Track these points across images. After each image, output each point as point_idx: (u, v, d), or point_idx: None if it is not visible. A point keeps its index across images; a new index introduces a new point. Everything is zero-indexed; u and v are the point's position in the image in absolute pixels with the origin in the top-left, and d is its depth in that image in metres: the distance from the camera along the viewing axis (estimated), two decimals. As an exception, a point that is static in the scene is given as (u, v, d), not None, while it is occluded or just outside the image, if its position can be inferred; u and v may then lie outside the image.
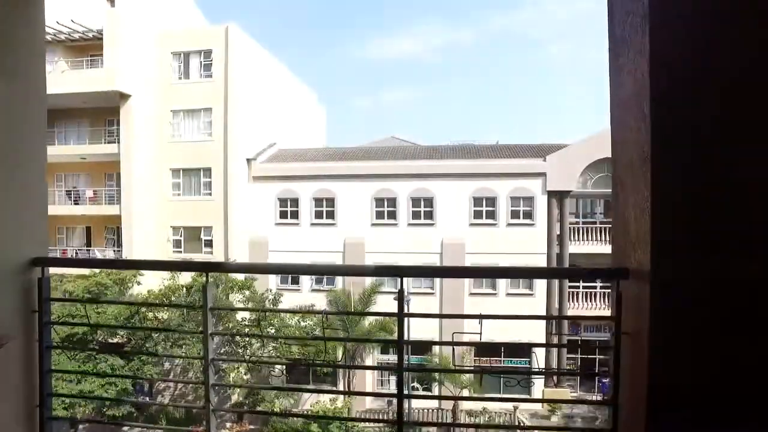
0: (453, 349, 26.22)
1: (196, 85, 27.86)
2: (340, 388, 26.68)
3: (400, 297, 2.24)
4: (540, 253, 27.79)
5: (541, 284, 27.70)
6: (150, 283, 25.34)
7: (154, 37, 27.60)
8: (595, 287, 28.29)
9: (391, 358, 28.67)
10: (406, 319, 2.24)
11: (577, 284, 28.38)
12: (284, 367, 25.85)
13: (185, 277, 23.66)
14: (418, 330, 25.44)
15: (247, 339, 23.01)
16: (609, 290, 27.72)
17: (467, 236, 28.04)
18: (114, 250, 27.83)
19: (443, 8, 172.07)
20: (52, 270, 2.49)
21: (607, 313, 27.32)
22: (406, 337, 2.18)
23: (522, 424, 24.27)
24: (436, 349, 27.27)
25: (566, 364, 27.92)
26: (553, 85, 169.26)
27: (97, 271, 23.59)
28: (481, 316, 2.29)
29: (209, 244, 27.71)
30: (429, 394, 26.63)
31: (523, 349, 27.84)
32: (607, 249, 27.44)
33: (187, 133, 28.30)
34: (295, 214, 28.97)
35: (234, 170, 27.64)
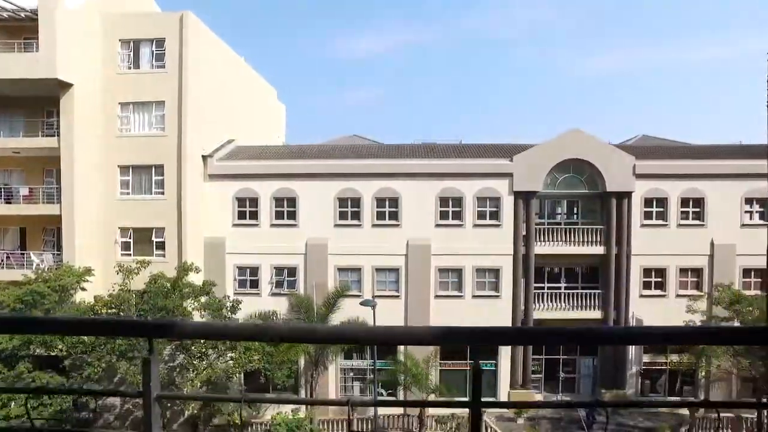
0: (434, 351, 25.73)
1: (147, 75, 25.94)
2: (302, 396, 25.53)
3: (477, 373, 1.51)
4: (506, 254, 27.54)
5: (507, 286, 27.45)
6: (97, 287, 23.43)
7: (100, 21, 25.54)
8: (560, 288, 28.28)
9: (355, 362, 27.75)
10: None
11: (542, 285, 28.30)
12: (242, 376, 24.48)
13: (138, 283, 21.94)
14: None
15: (203, 350, 21.49)
16: (575, 291, 27.80)
17: (433, 237, 27.45)
18: (54, 254, 25.55)
19: (406, 7, 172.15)
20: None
21: (573, 315, 27.34)
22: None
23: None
24: (400, 351, 26.53)
25: (531, 364, 27.77)
26: (517, 86, 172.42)
27: (33, 276, 21.51)
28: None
29: (161, 246, 25.91)
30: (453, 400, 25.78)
31: (489, 353, 27.55)
32: (570, 249, 27.55)
33: (137, 127, 26.33)
34: (254, 215, 27.56)
35: (188, 168, 25.95)
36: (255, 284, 27.44)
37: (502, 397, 27.19)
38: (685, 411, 25.59)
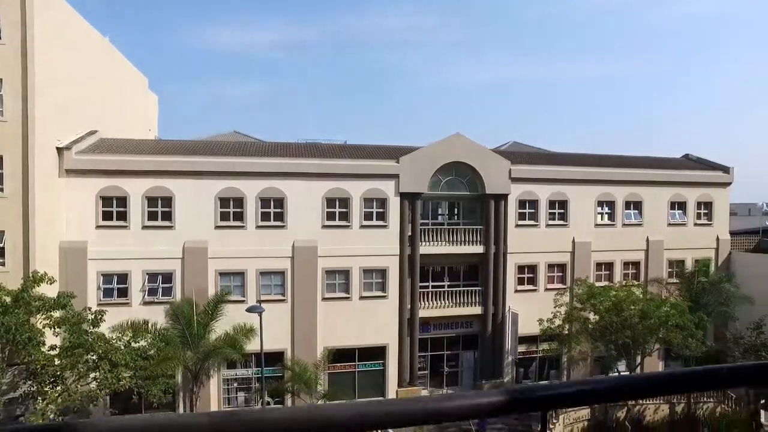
0: (326, 354, 25.00)
1: (-22, 49, 21.83)
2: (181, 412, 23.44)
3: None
4: (393, 255, 27.92)
5: (393, 286, 27.83)
6: None
7: None
8: (443, 286, 29.35)
9: (239, 372, 26.22)
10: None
11: (427, 284, 29.16)
12: (108, 396, 21.80)
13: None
14: (270, 339, 23.53)
15: (58, 371, 18.68)
16: (458, 289, 29.04)
17: (320, 238, 26.92)
18: None
19: (287, 3, 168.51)
20: None
21: (456, 311, 28.49)
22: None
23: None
24: (287, 357, 25.65)
25: (418, 361, 28.46)
26: (397, 90, 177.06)
27: None
28: None
29: (1, 253, 22.02)
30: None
31: (376, 352, 27.73)
32: (452, 249, 28.73)
33: (-34, 110, 22.09)
34: (122, 216, 24.75)
35: (39, 161, 22.41)
36: (124, 293, 24.69)
37: (390, 395, 27.50)
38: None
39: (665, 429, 26.84)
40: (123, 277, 24.69)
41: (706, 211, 32.23)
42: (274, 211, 26.55)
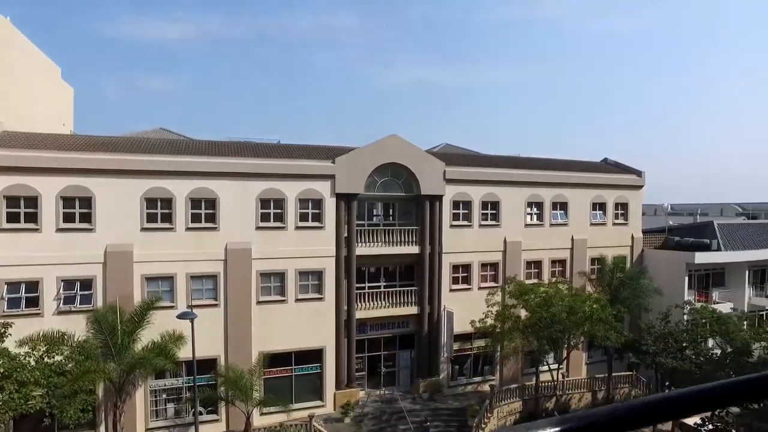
0: (262, 359, 24.00)
1: None
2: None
3: None
4: (329, 256, 27.59)
5: (330, 288, 27.49)
6: None
7: None
8: (379, 287, 29.39)
9: (168, 382, 24.78)
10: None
11: (363, 285, 29.08)
12: (11, 421, 19.73)
13: None
14: (202, 346, 22.46)
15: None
16: (394, 289, 29.18)
17: (254, 240, 26.07)
18: None
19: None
20: None
21: (392, 311, 28.60)
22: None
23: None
24: (221, 364, 24.62)
25: (355, 362, 28.28)
26: (324, 90, 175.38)
27: None
28: None
29: None
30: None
31: (313, 355, 27.27)
32: (388, 250, 28.84)
33: None
34: (32, 217, 22.58)
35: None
36: (34, 302, 22.54)
37: (328, 397, 27.15)
38: (486, 388, 28.91)
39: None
40: (33, 285, 22.55)
41: (622, 212, 34.68)
42: (205, 212, 25.37)
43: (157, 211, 24.46)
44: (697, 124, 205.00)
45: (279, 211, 26.70)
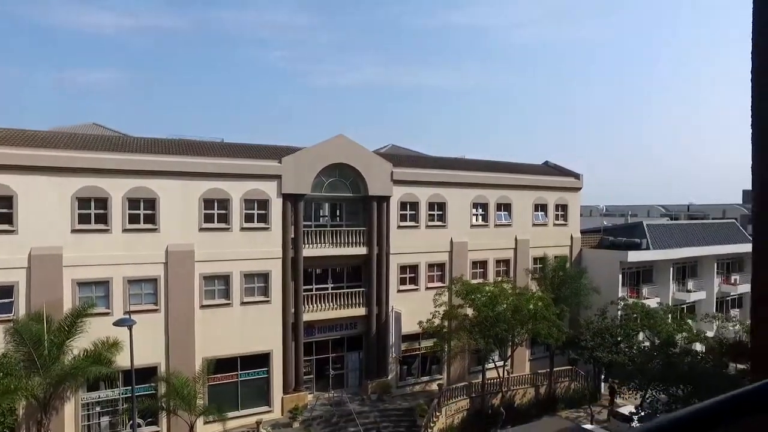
0: (206, 365, 22.89)
1: None
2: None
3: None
4: (275, 258, 26.96)
5: (276, 290, 26.86)
6: None
7: None
8: (327, 288, 29.03)
9: (102, 393, 23.29)
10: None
11: (310, 287, 28.63)
12: None
13: None
14: (142, 354, 21.29)
15: None
16: (342, 291, 28.91)
17: (197, 242, 25.05)
18: None
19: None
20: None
21: (340, 313, 28.31)
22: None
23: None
24: (162, 372, 23.46)
25: (303, 366, 27.74)
26: (270, 88, 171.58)
27: None
28: None
29: None
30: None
31: (260, 360, 26.52)
32: (336, 251, 28.52)
33: None
34: (-54, 218, 20.59)
35: None
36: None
37: (276, 402, 26.47)
38: (434, 387, 29.20)
39: (532, 408, 29.44)
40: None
41: (562, 213, 36.10)
42: (144, 212, 24.10)
43: (90, 212, 22.99)
44: (629, 132, 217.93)
45: (223, 211, 25.81)
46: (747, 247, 42.01)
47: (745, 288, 42.52)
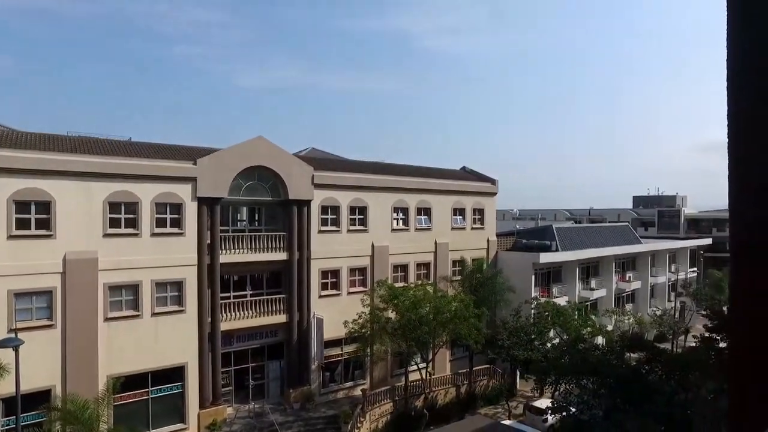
0: (111, 384, 20.77)
1: None
2: None
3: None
4: (190, 265, 25.45)
5: (191, 299, 25.35)
6: None
7: None
8: (246, 295, 27.83)
9: (-15, 423, 20.52)
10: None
11: (228, 294, 27.34)
12: None
13: None
14: (30, 377, 19.09)
15: None
16: (261, 297, 27.85)
17: (100, 249, 23.01)
18: None
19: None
20: None
21: (260, 321, 27.26)
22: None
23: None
24: (58, 395, 21.19)
25: (221, 378, 26.35)
26: (181, 86, 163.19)
27: None
28: None
29: None
30: None
31: (174, 374, 24.82)
32: (255, 256, 27.45)
33: None
34: None
35: None
36: None
37: (192, 418, 24.87)
38: (358, 392, 28.91)
39: (454, 407, 30.04)
40: None
41: (479, 217, 37.38)
42: (36, 217, 21.74)
43: (-32, 217, 20.34)
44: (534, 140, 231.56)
45: (132, 216, 23.94)
46: (640, 248, 46.07)
47: (638, 284, 46.55)
